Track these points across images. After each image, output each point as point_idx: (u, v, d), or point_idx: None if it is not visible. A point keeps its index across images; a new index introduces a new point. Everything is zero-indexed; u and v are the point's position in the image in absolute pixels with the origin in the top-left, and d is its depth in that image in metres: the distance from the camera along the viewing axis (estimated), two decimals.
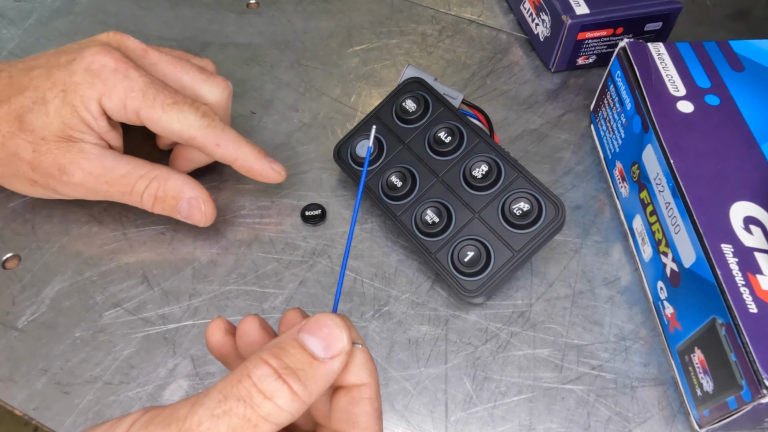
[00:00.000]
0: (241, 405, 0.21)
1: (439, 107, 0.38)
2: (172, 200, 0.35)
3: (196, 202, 0.36)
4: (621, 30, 0.46)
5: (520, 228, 0.34)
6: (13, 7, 0.51)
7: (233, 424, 0.20)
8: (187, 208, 0.36)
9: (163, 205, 0.35)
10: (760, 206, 0.32)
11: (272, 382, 0.21)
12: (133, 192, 0.35)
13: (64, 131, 0.33)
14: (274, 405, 0.21)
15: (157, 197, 0.35)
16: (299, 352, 0.22)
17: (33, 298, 0.35)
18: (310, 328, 0.23)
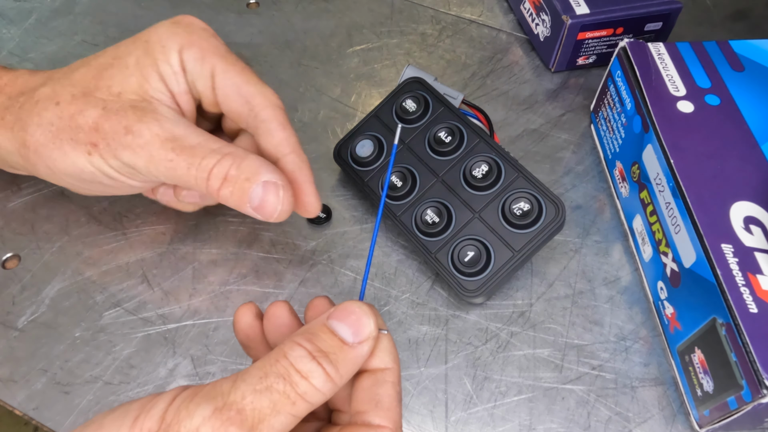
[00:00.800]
0: (281, 381, 0.22)
1: (439, 107, 0.38)
2: (246, 182, 0.29)
3: (274, 187, 0.30)
4: (621, 30, 0.46)
5: (520, 228, 0.34)
6: (13, 6, 0.51)
7: (274, 399, 0.21)
8: (261, 193, 0.29)
9: (232, 188, 0.29)
10: (760, 206, 0.32)
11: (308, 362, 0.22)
12: (201, 166, 0.29)
13: (141, 87, 0.31)
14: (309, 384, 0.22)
15: (228, 177, 0.29)
16: (330, 336, 0.24)
17: (33, 298, 0.35)
18: (339, 314, 0.24)
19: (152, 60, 0.31)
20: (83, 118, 0.30)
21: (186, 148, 0.29)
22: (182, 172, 0.29)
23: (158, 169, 0.30)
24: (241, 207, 0.30)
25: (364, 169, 0.39)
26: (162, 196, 0.35)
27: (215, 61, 0.31)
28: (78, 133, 0.30)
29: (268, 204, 0.30)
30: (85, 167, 0.30)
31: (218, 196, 0.30)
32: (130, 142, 0.29)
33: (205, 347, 0.34)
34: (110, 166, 0.30)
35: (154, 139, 0.29)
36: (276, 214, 0.30)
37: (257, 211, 0.30)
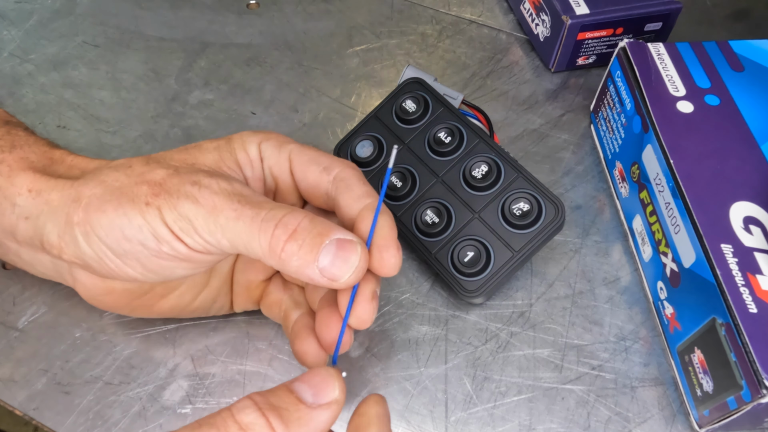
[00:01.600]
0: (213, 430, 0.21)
1: (439, 107, 0.38)
2: (318, 236, 0.26)
3: (350, 245, 0.26)
4: (621, 30, 0.46)
5: (520, 228, 0.34)
6: (13, 8, 0.51)
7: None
8: (334, 251, 0.26)
9: (302, 242, 0.25)
10: (760, 206, 0.32)
11: (251, 413, 0.21)
12: (268, 216, 0.26)
13: (216, 163, 0.29)
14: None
15: (298, 229, 0.26)
16: (286, 394, 0.22)
17: (33, 299, 0.36)
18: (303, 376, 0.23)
19: (231, 148, 0.30)
20: (151, 175, 0.27)
21: (254, 202, 0.26)
22: (245, 224, 0.26)
23: (218, 223, 0.26)
24: (307, 267, 0.26)
25: (364, 169, 0.39)
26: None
27: (292, 147, 0.30)
28: (142, 187, 0.27)
29: (342, 266, 0.26)
30: (134, 223, 0.26)
31: (282, 251, 0.25)
32: (195, 192, 0.26)
33: (205, 347, 0.34)
34: (164, 221, 0.26)
35: (221, 191, 0.26)
36: (347, 277, 0.26)
37: (325, 272, 0.26)
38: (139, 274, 0.28)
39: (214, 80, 0.47)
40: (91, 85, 0.46)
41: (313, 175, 0.30)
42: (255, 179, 0.30)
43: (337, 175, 0.30)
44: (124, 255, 0.27)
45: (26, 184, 0.28)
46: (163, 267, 0.27)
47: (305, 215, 0.26)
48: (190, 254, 0.27)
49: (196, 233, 0.26)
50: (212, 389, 0.33)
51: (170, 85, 0.46)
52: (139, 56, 0.48)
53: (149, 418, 0.32)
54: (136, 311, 0.32)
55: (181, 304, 0.32)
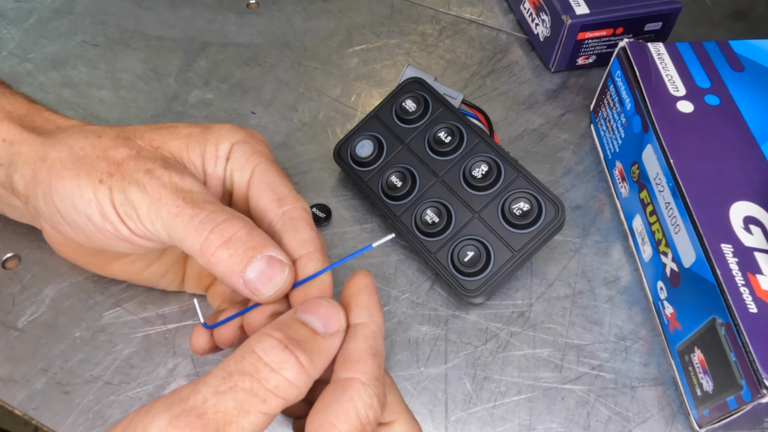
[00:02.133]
0: (247, 379, 0.21)
1: (439, 107, 0.38)
2: (251, 250, 0.26)
3: (279, 264, 0.26)
4: (621, 30, 0.46)
5: (520, 228, 0.34)
6: (13, 7, 0.51)
7: (240, 399, 0.20)
8: (263, 267, 0.26)
9: (233, 251, 0.26)
10: (760, 206, 0.32)
11: (279, 352, 0.21)
12: (207, 219, 0.26)
13: (180, 151, 0.29)
14: (281, 378, 0.21)
15: (233, 238, 0.26)
16: (301, 327, 0.23)
17: (33, 298, 0.35)
18: (308, 308, 0.24)
19: (203, 139, 0.30)
20: (113, 153, 0.28)
21: (198, 202, 0.27)
22: (183, 222, 0.26)
23: (159, 214, 0.27)
24: (233, 275, 0.26)
25: (363, 169, 0.39)
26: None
27: (261, 160, 0.30)
28: (101, 163, 0.28)
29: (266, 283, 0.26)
30: (85, 197, 0.27)
31: (212, 256, 0.26)
32: (145, 181, 0.27)
33: None
34: (112, 201, 0.27)
35: (169, 185, 0.27)
36: (268, 294, 0.26)
37: (249, 285, 0.26)
38: (84, 242, 0.29)
39: (213, 80, 0.47)
40: (91, 85, 0.46)
41: (264, 200, 0.30)
42: (215, 177, 0.30)
43: (287, 211, 0.29)
44: (72, 223, 0.28)
45: (1, 134, 0.30)
46: (105, 243, 0.29)
47: (244, 226, 0.27)
48: (131, 237, 0.28)
49: (139, 220, 0.27)
50: None
51: (170, 84, 0.46)
52: (139, 56, 0.48)
53: None
54: (89, 266, 0.33)
55: (131, 270, 0.33)
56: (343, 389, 0.23)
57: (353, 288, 0.26)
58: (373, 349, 0.24)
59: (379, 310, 0.25)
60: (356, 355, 0.23)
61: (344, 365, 0.23)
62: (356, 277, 0.26)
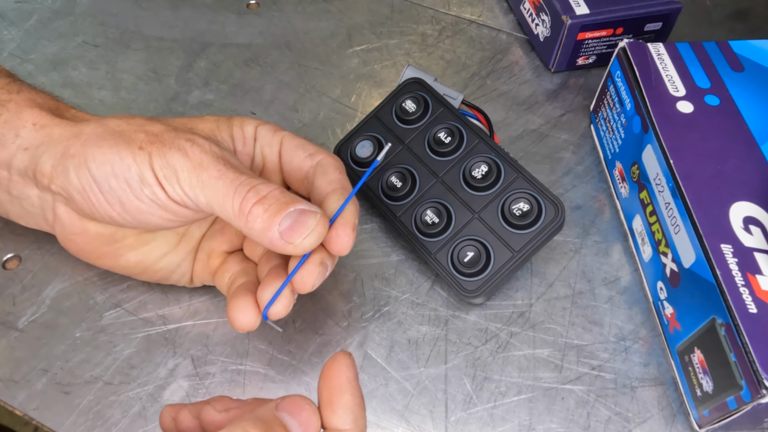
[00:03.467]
0: None
1: (439, 107, 0.38)
2: (284, 204, 0.27)
3: (312, 214, 0.28)
4: (621, 30, 0.46)
5: (520, 228, 0.34)
6: (13, 8, 0.51)
7: None
8: (296, 216, 0.27)
9: (268, 206, 0.27)
10: (759, 206, 0.32)
11: None
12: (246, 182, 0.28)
13: (212, 132, 0.32)
14: None
15: (268, 196, 0.28)
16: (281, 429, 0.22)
17: (33, 299, 0.36)
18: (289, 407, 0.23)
19: (229, 123, 0.33)
20: (151, 127, 0.29)
21: (236, 168, 0.28)
22: (224, 185, 0.28)
23: (200, 178, 0.28)
24: (269, 229, 0.27)
25: (364, 169, 0.39)
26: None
27: (286, 134, 0.34)
28: (139, 134, 0.29)
29: (299, 229, 0.27)
30: (124, 162, 0.28)
31: (249, 213, 0.27)
32: (186, 147, 0.28)
33: (205, 347, 0.34)
34: (151, 166, 0.28)
35: (210, 152, 0.29)
36: (302, 240, 0.28)
37: (284, 235, 0.27)
38: (117, 214, 0.29)
39: (214, 80, 0.47)
40: (91, 85, 0.46)
41: (298, 158, 0.33)
42: (244, 154, 0.33)
43: (320, 161, 0.33)
44: (109, 191, 0.29)
45: (32, 119, 0.31)
46: (141, 211, 0.29)
47: (277, 187, 0.28)
48: (168, 203, 0.29)
49: (178, 184, 0.28)
50: (212, 389, 0.33)
51: (170, 85, 0.46)
52: (139, 56, 0.48)
53: (149, 418, 0.32)
54: (102, 259, 0.33)
55: (147, 261, 0.33)
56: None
57: (335, 381, 0.23)
58: None
59: (363, 410, 0.24)
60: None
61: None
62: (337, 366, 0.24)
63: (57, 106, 0.33)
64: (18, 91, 0.32)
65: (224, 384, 0.33)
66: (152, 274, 0.34)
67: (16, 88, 0.32)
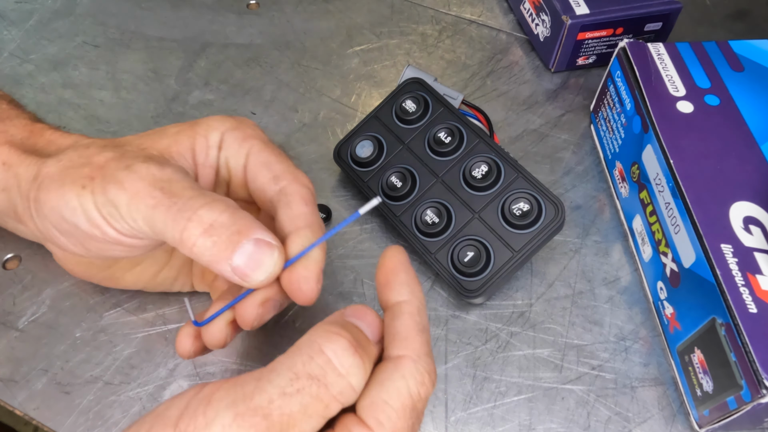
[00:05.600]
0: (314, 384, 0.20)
1: (439, 107, 0.38)
2: (236, 235, 0.25)
3: (268, 247, 0.26)
4: (621, 30, 0.46)
5: (520, 228, 0.34)
6: (14, 8, 0.51)
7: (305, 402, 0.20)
8: (251, 251, 0.25)
9: (216, 238, 0.25)
10: (760, 206, 0.32)
11: (350, 356, 0.21)
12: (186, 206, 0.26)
13: (168, 148, 0.29)
14: (347, 383, 0.21)
15: (215, 224, 0.25)
16: (359, 332, 0.23)
17: (33, 299, 0.36)
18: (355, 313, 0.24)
19: (192, 133, 0.30)
20: (98, 158, 0.28)
21: (176, 192, 0.26)
22: (161, 213, 0.26)
23: (138, 209, 0.26)
24: (219, 263, 0.25)
25: (363, 169, 0.39)
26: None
27: (254, 143, 0.30)
28: (84, 169, 0.27)
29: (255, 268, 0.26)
30: (69, 206, 0.27)
31: (193, 245, 0.25)
32: (123, 177, 0.27)
33: None
34: (95, 204, 0.27)
35: (147, 177, 0.26)
36: (258, 279, 0.26)
37: (237, 271, 0.25)
38: (84, 252, 0.29)
39: (214, 80, 0.47)
40: (91, 85, 0.46)
41: (261, 179, 0.30)
42: (206, 166, 0.30)
43: (283, 188, 0.29)
44: (66, 233, 0.28)
45: (1, 158, 0.30)
46: (100, 248, 0.28)
47: (226, 209, 0.26)
48: (120, 238, 0.27)
49: (122, 218, 0.26)
50: None
51: (170, 85, 0.46)
52: (139, 56, 0.48)
53: None
54: (104, 282, 0.33)
55: (144, 278, 0.33)
56: (395, 367, 0.23)
57: (389, 265, 0.25)
58: (419, 325, 0.24)
59: (418, 285, 0.25)
60: (404, 333, 0.23)
61: (393, 343, 0.23)
62: (390, 253, 0.25)
63: (30, 134, 0.31)
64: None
65: None
66: (153, 288, 0.34)
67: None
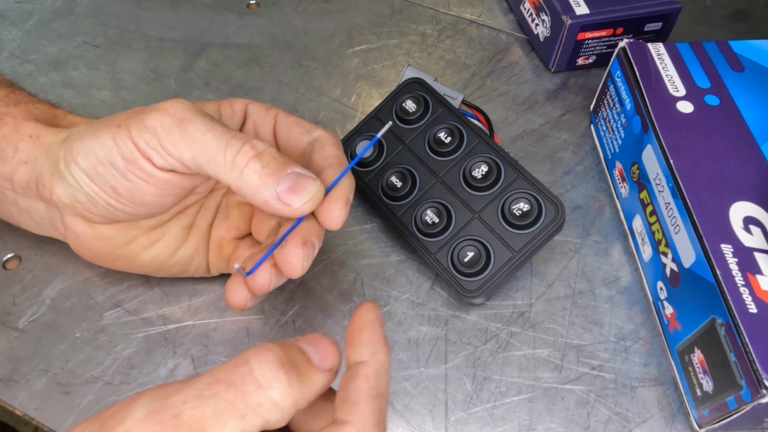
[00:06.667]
0: (231, 390, 0.20)
1: (439, 107, 0.38)
2: (281, 165, 0.27)
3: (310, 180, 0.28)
4: (621, 30, 0.46)
5: (520, 228, 0.34)
6: (14, 8, 0.51)
7: (219, 408, 0.20)
8: (294, 179, 0.27)
9: (264, 164, 0.27)
10: (759, 206, 0.32)
11: (273, 369, 0.21)
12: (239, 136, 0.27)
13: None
14: (267, 396, 0.20)
15: (263, 153, 0.27)
16: (300, 354, 0.22)
17: (33, 299, 0.36)
18: (309, 340, 0.23)
19: (216, 103, 0.32)
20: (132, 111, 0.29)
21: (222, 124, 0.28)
22: (214, 137, 0.27)
23: (185, 132, 0.27)
24: (265, 189, 0.27)
25: (364, 169, 0.39)
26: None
27: (279, 111, 0.33)
28: (118, 117, 0.29)
29: (299, 192, 0.27)
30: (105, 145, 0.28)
31: (245, 167, 0.27)
32: (165, 106, 0.28)
33: (205, 347, 0.34)
34: (131, 139, 0.27)
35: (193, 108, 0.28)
36: (301, 204, 0.27)
37: (282, 196, 0.27)
38: (116, 202, 0.29)
39: (214, 80, 0.47)
40: (91, 86, 0.46)
41: (295, 134, 0.33)
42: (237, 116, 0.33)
43: (317, 137, 0.32)
44: (99, 179, 0.28)
45: (28, 131, 0.31)
46: (133, 192, 0.29)
47: (273, 145, 0.28)
48: (155, 173, 0.28)
49: (160, 145, 0.27)
50: None
51: (170, 85, 0.46)
52: (139, 56, 0.48)
53: None
54: (117, 262, 0.33)
55: (161, 257, 0.33)
56: None
57: (357, 323, 0.24)
58: (373, 390, 0.23)
59: (384, 346, 0.24)
60: (354, 397, 0.22)
61: (342, 407, 0.22)
62: (360, 310, 0.25)
63: (53, 115, 0.33)
64: (16, 103, 0.32)
65: None
66: (168, 269, 0.34)
67: (14, 99, 0.32)
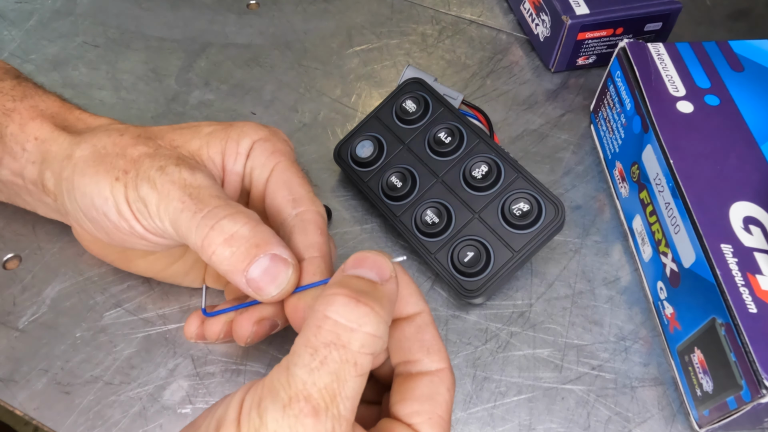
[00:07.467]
0: (333, 349, 0.21)
1: (439, 108, 0.38)
2: (254, 248, 0.26)
3: (284, 264, 0.26)
4: (621, 30, 0.46)
5: (520, 228, 0.34)
6: (14, 8, 0.51)
7: (333, 370, 0.21)
8: (267, 265, 0.26)
9: (235, 249, 0.26)
10: (759, 206, 0.32)
11: (353, 309, 0.21)
12: (210, 214, 0.26)
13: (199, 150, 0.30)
14: (364, 335, 0.21)
15: (235, 235, 0.26)
16: (359, 280, 0.23)
17: (34, 299, 0.36)
18: (354, 264, 0.23)
19: (224, 137, 0.31)
20: (132, 150, 0.29)
21: (203, 199, 0.27)
22: (186, 218, 0.26)
23: (167, 210, 0.27)
24: (236, 273, 0.26)
25: (364, 169, 0.39)
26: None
27: (282, 159, 0.31)
28: (119, 161, 0.28)
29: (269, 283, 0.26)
30: (102, 194, 0.28)
31: (213, 254, 0.26)
32: (155, 177, 0.28)
33: (205, 347, 0.34)
34: (126, 198, 0.28)
35: (178, 182, 0.27)
36: (270, 295, 0.26)
37: (251, 283, 0.26)
38: (106, 239, 0.30)
39: (214, 80, 0.47)
40: (91, 86, 0.46)
41: (280, 199, 0.30)
42: (234, 172, 0.31)
43: (301, 213, 0.30)
44: (93, 220, 0.29)
45: (34, 132, 0.31)
46: (123, 240, 0.29)
47: (247, 222, 0.26)
48: (145, 234, 0.29)
49: (150, 216, 0.28)
50: (212, 389, 0.33)
51: (170, 85, 0.46)
52: (139, 56, 0.48)
53: (149, 418, 0.32)
54: (116, 263, 0.34)
55: (156, 267, 0.34)
56: (441, 381, 0.24)
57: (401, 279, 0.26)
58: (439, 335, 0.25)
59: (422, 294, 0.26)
60: (436, 345, 0.25)
61: (429, 356, 0.24)
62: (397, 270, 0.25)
63: (60, 110, 0.32)
64: (22, 98, 0.32)
65: (224, 384, 0.33)
66: (163, 278, 0.35)
67: (20, 92, 0.32)
